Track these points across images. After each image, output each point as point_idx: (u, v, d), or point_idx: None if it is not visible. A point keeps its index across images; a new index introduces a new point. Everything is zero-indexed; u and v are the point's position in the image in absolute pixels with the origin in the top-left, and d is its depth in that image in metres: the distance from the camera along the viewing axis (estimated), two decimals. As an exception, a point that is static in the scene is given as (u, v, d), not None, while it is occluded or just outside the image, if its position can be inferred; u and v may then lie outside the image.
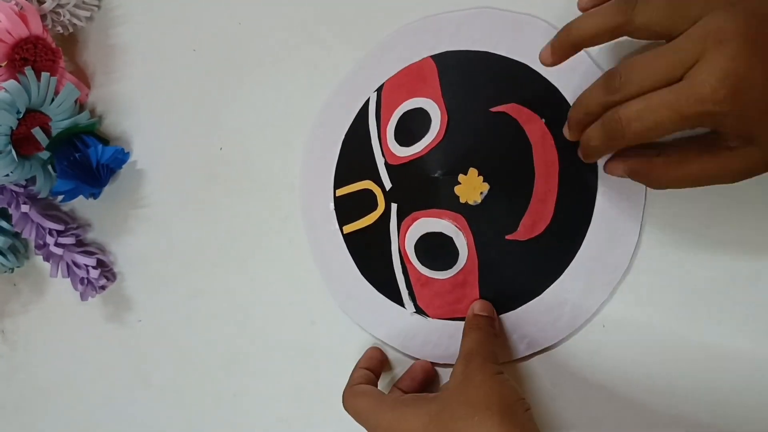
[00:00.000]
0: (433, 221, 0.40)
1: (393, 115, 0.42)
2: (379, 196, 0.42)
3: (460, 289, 0.40)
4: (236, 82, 0.49)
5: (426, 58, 0.42)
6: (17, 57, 0.48)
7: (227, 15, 0.49)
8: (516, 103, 0.39)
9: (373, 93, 0.43)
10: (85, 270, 0.51)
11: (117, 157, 0.51)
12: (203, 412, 0.49)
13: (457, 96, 0.40)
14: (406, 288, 0.42)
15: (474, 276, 0.40)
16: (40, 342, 0.57)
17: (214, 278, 0.49)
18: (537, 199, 0.38)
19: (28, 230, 0.52)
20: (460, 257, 0.40)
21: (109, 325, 0.53)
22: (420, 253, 0.41)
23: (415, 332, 0.42)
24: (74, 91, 0.50)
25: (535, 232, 0.38)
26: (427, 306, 0.41)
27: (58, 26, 0.52)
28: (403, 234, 0.41)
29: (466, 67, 0.41)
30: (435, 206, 0.40)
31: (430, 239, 0.40)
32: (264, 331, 0.47)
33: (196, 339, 0.50)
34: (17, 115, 0.47)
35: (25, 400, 0.58)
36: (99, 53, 0.54)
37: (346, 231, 0.44)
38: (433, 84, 0.41)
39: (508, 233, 0.39)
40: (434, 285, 0.41)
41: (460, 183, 0.39)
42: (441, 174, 0.40)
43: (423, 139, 0.41)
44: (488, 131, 0.39)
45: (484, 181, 0.39)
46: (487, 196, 0.39)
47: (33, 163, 0.51)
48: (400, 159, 0.41)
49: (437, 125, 0.40)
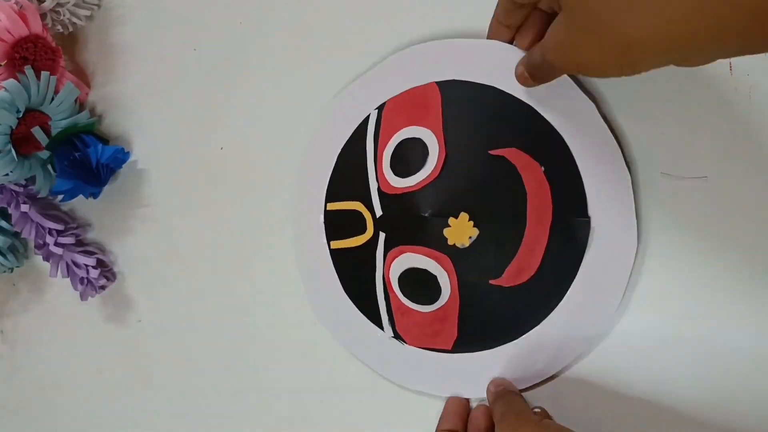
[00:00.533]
0: (419, 258, 0.40)
1: (391, 140, 0.41)
2: (368, 220, 0.42)
3: (439, 323, 0.40)
4: (237, 81, 0.49)
5: (431, 83, 0.41)
6: (17, 56, 0.48)
7: (228, 14, 0.49)
8: (517, 147, 0.38)
9: (374, 110, 0.43)
10: (84, 270, 0.51)
11: (117, 157, 0.51)
12: (203, 412, 0.49)
13: (457, 132, 0.40)
14: (386, 314, 0.42)
15: (454, 314, 0.40)
16: (39, 342, 0.57)
17: (215, 278, 0.49)
18: (525, 248, 0.38)
19: (28, 230, 0.52)
20: (442, 295, 0.40)
21: (108, 325, 0.53)
22: (403, 285, 0.41)
23: (392, 356, 0.42)
24: (74, 91, 0.50)
25: (519, 280, 0.38)
26: (405, 333, 0.42)
27: (58, 25, 0.52)
28: (389, 263, 0.41)
29: (470, 101, 0.40)
30: (422, 244, 0.40)
31: (414, 274, 0.41)
32: (264, 331, 0.47)
33: (196, 339, 0.49)
34: (17, 115, 0.47)
35: (25, 399, 0.57)
36: (99, 52, 0.54)
37: (333, 247, 0.44)
38: (436, 114, 0.40)
39: (493, 278, 0.39)
40: (414, 316, 0.41)
41: (449, 226, 0.39)
42: (431, 214, 0.40)
43: (418, 173, 0.40)
44: (484, 174, 0.39)
45: (474, 226, 0.39)
46: (475, 241, 0.39)
47: (33, 162, 0.50)
48: (393, 189, 0.41)
49: (434, 161, 0.40)
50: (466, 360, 0.40)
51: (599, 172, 0.37)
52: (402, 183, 0.41)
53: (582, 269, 0.37)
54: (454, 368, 0.40)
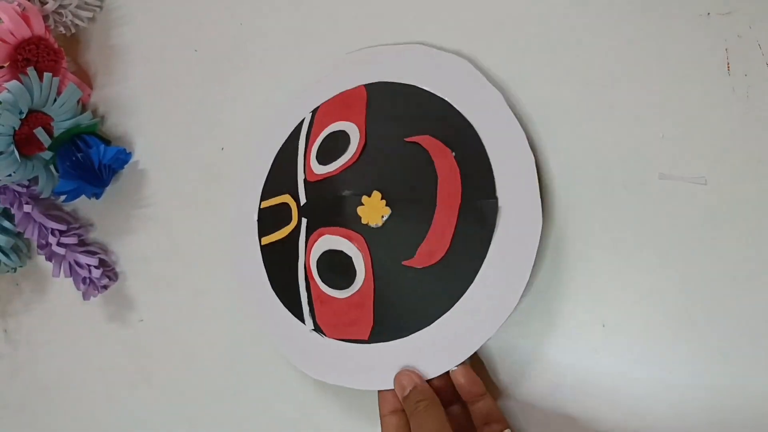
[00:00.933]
0: (335, 239, 0.41)
1: (320, 136, 0.43)
2: (294, 210, 0.43)
3: (355, 311, 0.41)
4: (238, 82, 0.49)
5: (360, 86, 0.43)
6: (20, 57, 0.48)
7: (229, 15, 0.49)
8: (430, 135, 0.40)
9: (309, 114, 0.45)
10: (87, 270, 0.51)
11: (119, 158, 0.51)
12: (204, 411, 0.49)
13: (377, 123, 0.42)
14: (307, 304, 0.43)
15: (370, 299, 0.40)
16: (42, 341, 0.57)
17: (216, 278, 0.49)
18: (436, 229, 0.38)
19: (31, 230, 0.52)
20: (357, 277, 0.40)
21: (110, 324, 0.53)
22: (322, 269, 0.42)
23: (312, 349, 0.42)
24: (76, 92, 0.50)
25: (431, 261, 0.39)
26: (325, 325, 0.42)
27: (61, 27, 0.52)
28: (309, 249, 0.42)
29: (392, 98, 0.42)
30: (339, 224, 0.41)
31: (331, 256, 0.41)
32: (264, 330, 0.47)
33: (198, 338, 0.50)
34: (20, 116, 0.47)
35: (27, 399, 0.58)
36: (101, 54, 0.54)
37: (264, 242, 0.45)
38: (360, 110, 0.43)
39: (405, 259, 0.39)
40: (332, 304, 0.41)
41: (363, 204, 0.40)
42: (348, 194, 0.41)
43: (339, 159, 0.42)
44: (399, 159, 0.40)
45: (387, 206, 0.40)
46: (388, 221, 0.40)
47: (35, 163, 0.51)
48: (316, 176, 0.43)
49: (354, 147, 0.42)
50: (382, 351, 0.40)
51: (506, 155, 0.38)
52: (324, 169, 0.42)
53: (492, 249, 0.38)
54: (371, 360, 0.40)
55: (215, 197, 0.49)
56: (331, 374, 0.42)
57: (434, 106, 0.41)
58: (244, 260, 0.46)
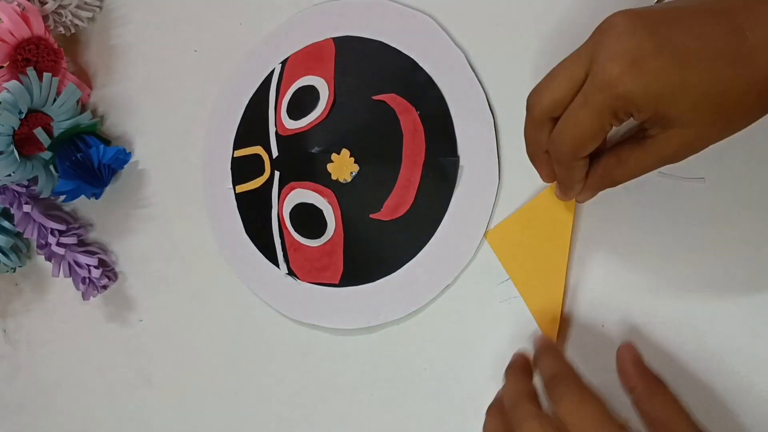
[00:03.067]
0: (307, 192, 0.43)
1: (290, 89, 0.45)
2: (266, 162, 0.45)
3: (327, 258, 0.43)
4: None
5: (328, 39, 0.45)
6: (19, 57, 0.48)
7: (228, 15, 0.49)
8: (396, 93, 0.42)
9: (278, 65, 0.46)
10: (86, 270, 0.51)
11: (118, 158, 0.51)
12: (204, 412, 0.49)
13: (346, 80, 0.43)
14: (281, 250, 0.45)
15: (340, 248, 0.43)
16: (42, 341, 0.57)
17: (215, 277, 0.49)
18: (401, 184, 0.41)
19: (30, 230, 0.52)
20: (328, 228, 0.43)
21: (110, 324, 0.53)
22: (294, 220, 0.44)
23: (287, 292, 0.45)
24: (76, 92, 0.50)
25: (396, 214, 0.41)
26: (299, 269, 0.45)
27: (60, 27, 0.52)
28: (282, 201, 0.44)
29: (360, 54, 0.44)
30: (310, 179, 0.43)
31: (303, 209, 0.44)
32: (264, 330, 0.47)
33: (198, 338, 0.50)
34: (19, 116, 0.47)
35: (27, 399, 0.58)
36: (101, 54, 0.54)
37: (238, 191, 0.47)
38: (329, 65, 0.44)
39: (373, 212, 0.42)
40: (305, 251, 0.44)
41: (332, 161, 0.42)
42: (318, 150, 0.43)
43: (309, 115, 0.43)
44: (366, 117, 0.42)
45: (355, 162, 0.42)
46: (356, 176, 0.42)
47: (35, 163, 0.51)
48: (288, 131, 0.44)
49: (323, 104, 0.43)
50: (352, 293, 0.43)
51: (467, 116, 0.41)
52: (295, 125, 0.44)
53: (452, 204, 0.41)
54: (342, 301, 0.44)
55: (215, 197, 0.49)
56: (306, 314, 0.45)
57: (400, 64, 0.42)
58: (219, 207, 0.48)
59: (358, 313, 0.43)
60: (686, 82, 0.27)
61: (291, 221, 0.44)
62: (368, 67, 0.43)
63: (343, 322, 0.44)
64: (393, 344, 0.43)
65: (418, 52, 0.42)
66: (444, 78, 0.41)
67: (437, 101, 0.41)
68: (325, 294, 0.44)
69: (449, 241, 0.41)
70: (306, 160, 0.43)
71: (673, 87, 0.27)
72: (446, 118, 0.41)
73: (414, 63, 0.42)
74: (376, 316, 0.43)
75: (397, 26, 0.43)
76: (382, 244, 0.42)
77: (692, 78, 0.27)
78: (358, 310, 0.43)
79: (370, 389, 0.43)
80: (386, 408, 0.43)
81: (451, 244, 0.41)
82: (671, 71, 0.27)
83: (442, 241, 0.41)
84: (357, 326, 0.43)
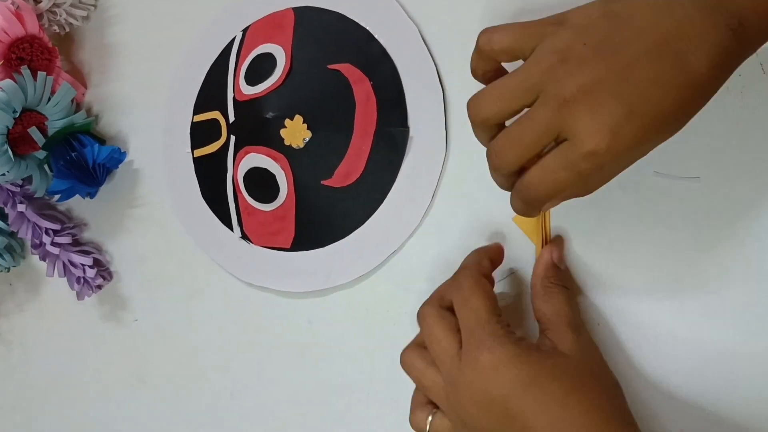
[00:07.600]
0: (260, 157, 0.44)
1: (249, 56, 0.46)
2: (223, 126, 0.47)
3: (279, 222, 0.45)
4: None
5: (288, 9, 0.46)
6: (13, 56, 0.48)
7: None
8: (351, 63, 0.43)
9: (240, 32, 0.47)
10: (81, 269, 0.51)
11: (113, 157, 0.51)
12: (201, 412, 0.49)
13: (303, 49, 0.45)
14: (235, 214, 0.46)
15: (292, 213, 0.44)
16: (36, 341, 0.57)
17: (211, 277, 0.49)
18: (352, 152, 0.42)
19: (24, 230, 0.52)
20: (280, 193, 0.44)
21: (105, 324, 0.53)
22: (248, 184, 0.45)
23: (240, 255, 0.47)
24: (70, 91, 0.50)
25: (347, 182, 0.43)
26: (252, 233, 0.46)
27: (55, 25, 0.52)
28: (237, 165, 0.46)
29: (318, 24, 0.45)
30: (264, 144, 0.45)
31: (257, 173, 0.45)
32: (261, 330, 0.47)
33: (194, 338, 0.50)
34: (13, 115, 0.47)
35: (21, 399, 0.57)
36: (95, 52, 0.54)
37: (196, 155, 0.48)
38: (287, 33, 0.45)
39: (324, 179, 0.43)
40: (258, 215, 0.45)
41: (286, 126, 0.43)
42: (272, 116, 0.44)
43: (266, 81, 0.44)
44: (321, 85, 0.44)
45: (308, 129, 0.43)
46: (309, 143, 0.43)
47: (29, 162, 0.51)
48: (245, 96, 0.45)
49: (280, 71, 0.44)
50: (303, 257, 0.45)
51: (419, 88, 0.42)
52: (251, 90, 0.45)
53: (401, 173, 0.42)
54: (293, 265, 0.45)
55: (210, 196, 0.49)
56: (257, 277, 0.46)
57: (356, 35, 0.44)
58: (177, 172, 0.49)
59: (310, 276, 0.44)
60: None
61: (245, 185, 0.45)
62: (325, 37, 0.44)
63: (292, 285, 0.45)
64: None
65: (374, 24, 0.43)
66: (398, 50, 0.43)
67: (390, 73, 0.42)
68: (277, 258, 0.45)
69: (397, 209, 0.42)
70: (260, 125, 0.44)
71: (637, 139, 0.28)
72: (398, 89, 0.42)
73: (369, 35, 0.43)
74: (325, 280, 0.44)
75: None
76: (333, 210, 0.43)
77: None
78: (310, 273, 0.44)
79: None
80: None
81: (399, 212, 0.42)
82: (640, 132, 0.28)
83: (390, 209, 0.42)
84: (308, 289, 0.44)
